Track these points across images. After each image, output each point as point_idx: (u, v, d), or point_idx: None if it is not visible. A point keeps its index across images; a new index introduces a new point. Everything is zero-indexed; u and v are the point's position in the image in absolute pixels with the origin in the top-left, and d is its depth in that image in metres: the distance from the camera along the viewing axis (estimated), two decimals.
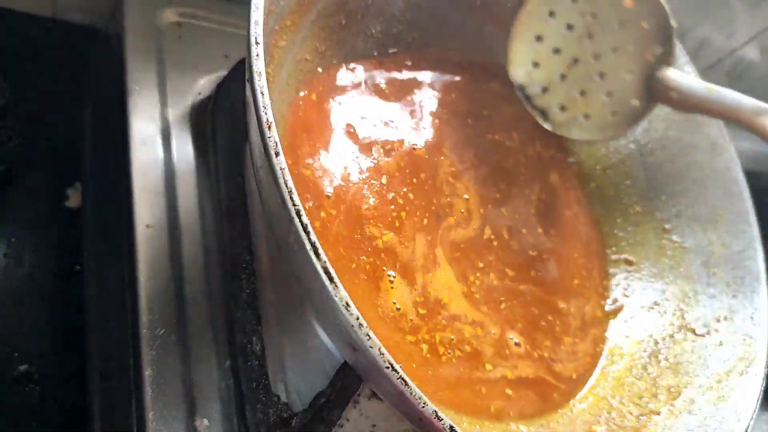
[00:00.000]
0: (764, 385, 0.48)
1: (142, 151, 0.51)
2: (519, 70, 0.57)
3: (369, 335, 0.30)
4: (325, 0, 0.48)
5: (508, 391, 0.48)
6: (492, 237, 0.53)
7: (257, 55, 0.33)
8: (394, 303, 0.45)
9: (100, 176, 0.59)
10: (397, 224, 0.48)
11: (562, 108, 0.57)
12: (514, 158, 0.59)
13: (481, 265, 0.51)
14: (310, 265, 0.30)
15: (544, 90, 0.57)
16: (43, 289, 0.55)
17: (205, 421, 0.44)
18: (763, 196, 0.59)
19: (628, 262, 0.59)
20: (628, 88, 0.55)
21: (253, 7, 0.35)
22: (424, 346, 0.45)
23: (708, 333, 0.53)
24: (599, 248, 0.60)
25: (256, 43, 0.34)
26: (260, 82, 0.33)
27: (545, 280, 0.54)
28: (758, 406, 0.47)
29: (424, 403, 0.31)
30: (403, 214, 0.49)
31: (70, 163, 0.61)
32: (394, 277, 0.46)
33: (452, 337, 0.46)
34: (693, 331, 0.54)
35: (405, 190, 0.50)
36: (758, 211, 0.56)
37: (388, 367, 0.30)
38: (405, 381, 0.30)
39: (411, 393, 0.31)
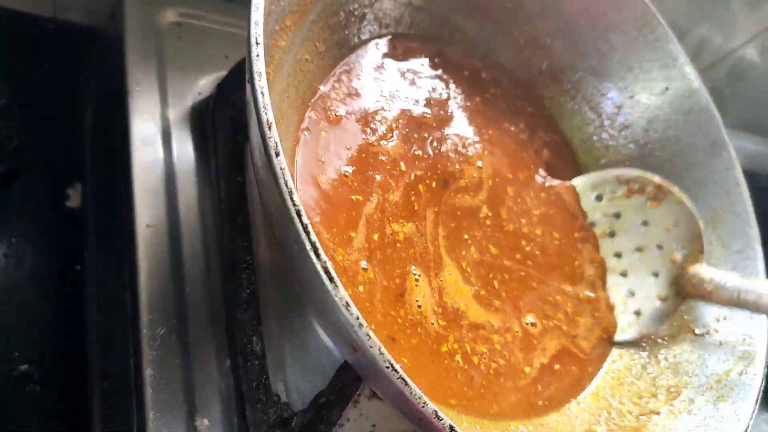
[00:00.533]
0: (763, 384, 0.48)
1: (142, 151, 0.51)
2: None
3: (369, 335, 0.30)
4: (324, 0, 0.48)
5: (557, 366, 0.50)
6: (489, 214, 0.53)
7: (257, 55, 0.33)
8: (417, 301, 0.45)
9: (101, 176, 0.59)
10: (415, 206, 0.49)
11: None
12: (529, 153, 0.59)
13: (465, 236, 0.51)
14: (310, 265, 0.30)
15: None
16: (44, 289, 0.55)
17: (206, 421, 0.44)
18: (762, 196, 0.59)
19: None
20: (652, 287, 0.53)
21: (253, 8, 0.35)
22: (459, 358, 0.45)
23: (707, 333, 0.53)
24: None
25: (257, 43, 0.34)
26: (260, 82, 0.33)
27: (536, 265, 0.55)
28: (757, 406, 0.47)
29: (424, 403, 0.31)
30: (421, 186, 0.50)
31: (70, 163, 0.61)
32: (419, 275, 0.46)
33: (485, 350, 0.47)
34: (692, 330, 0.54)
35: (416, 151, 0.51)
36: (758, 212, 0.56)
37: (388, 367, 0.30)
38: (405, 380, 0.30)
39: (411, 392, 0.31)
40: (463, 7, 0.58)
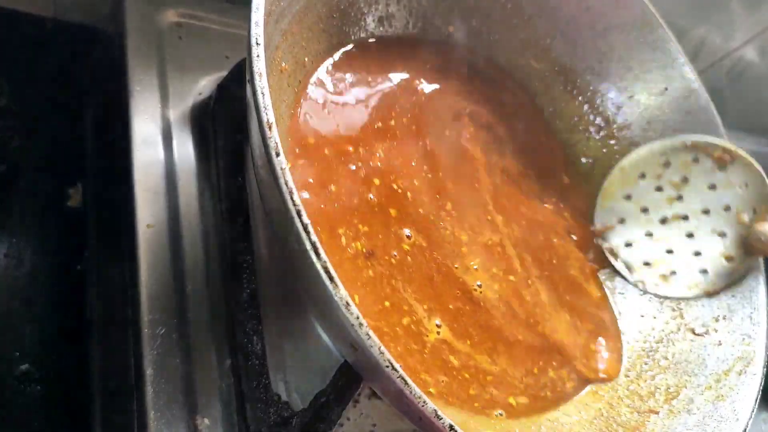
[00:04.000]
0: (763, 384, 0.48)
1: (143, 151, 0.51)
2: (603, 223, 0.59)
3: (369, 334, 0.30)
4: (324, 1, 0.48)
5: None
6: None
7: (258, 55, 0.33)
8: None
9: (101, 176, 0.59)
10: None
11: (646, 263, 0.57)
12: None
13: None
14: (310, 265, 0.30)
15: (628, 245, 0.58)
16: (44, 289, 0.55)
17: (206, 420, 0.44)
18: None
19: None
20: (719, 246, 0.55)
21: (253, 8, 0.35)
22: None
23: (707, 332, 0.53)
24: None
25: (257, 43, 0.34)
26: (261, 82, 0.33)
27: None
28: (756, 406, 0.47)
29: (424, 402, 0.31)
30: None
31: (71, 163, 0.61)
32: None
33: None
34: (692, 330, 0.54)
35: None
36: None
37: (388, 366, 0.30)
38: (405, 380, 0.31)
39: (411, 392, 0.31)
40: (463, 8, 0.58)
